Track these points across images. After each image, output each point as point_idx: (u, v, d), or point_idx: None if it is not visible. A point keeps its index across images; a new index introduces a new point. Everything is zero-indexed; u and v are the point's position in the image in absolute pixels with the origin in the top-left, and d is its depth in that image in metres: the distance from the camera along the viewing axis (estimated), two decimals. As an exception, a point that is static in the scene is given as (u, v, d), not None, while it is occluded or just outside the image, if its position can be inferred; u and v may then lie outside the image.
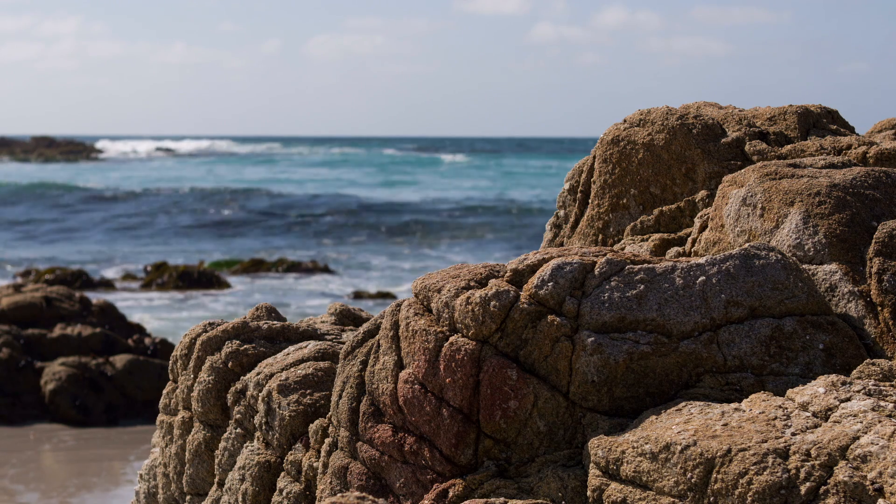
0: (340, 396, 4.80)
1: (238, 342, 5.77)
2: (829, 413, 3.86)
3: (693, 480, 3.77)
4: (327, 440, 4.92)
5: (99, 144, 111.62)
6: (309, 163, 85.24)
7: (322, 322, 6.15)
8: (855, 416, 3.80)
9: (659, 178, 5.74)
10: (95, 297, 18.43)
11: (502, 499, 4.11)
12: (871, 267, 4.50)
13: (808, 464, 3.65)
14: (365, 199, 46.99)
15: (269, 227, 39.39)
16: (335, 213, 41.94)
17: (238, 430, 5.56)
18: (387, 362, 4.59)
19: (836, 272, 4.54)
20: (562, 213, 6.25)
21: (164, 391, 6.13)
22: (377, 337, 4.74)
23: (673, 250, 5.29)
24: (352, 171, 73.30)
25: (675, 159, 5.69)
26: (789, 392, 4.02)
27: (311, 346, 5.60)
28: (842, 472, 3.61)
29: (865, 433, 3.70)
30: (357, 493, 4.47)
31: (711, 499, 3.73)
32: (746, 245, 4.47)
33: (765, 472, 3.66)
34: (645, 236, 5.57)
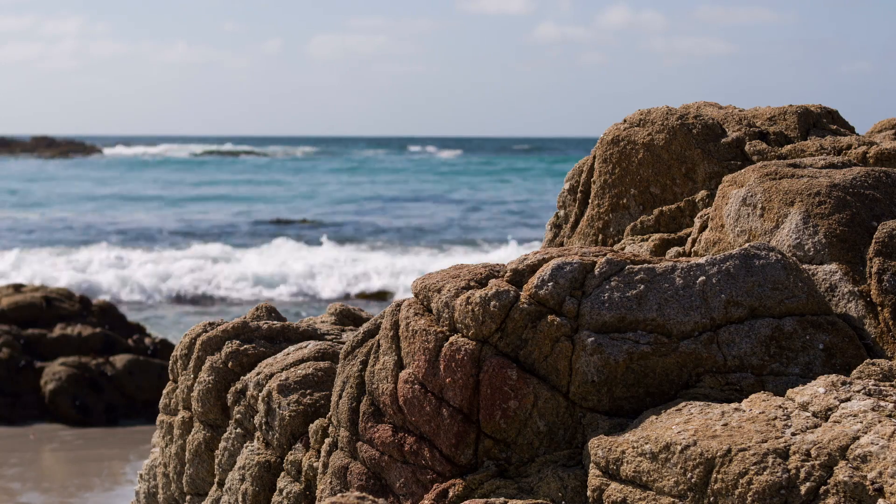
0: (340, 396, 4.80)
1: (238, 342, 5.77)
2: (829, 413, 3.86)
3: (693, 480, 3.77)
4: (327, 440, 4.92)
5: (98, 144, 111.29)
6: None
7: (322, 322, 6.15)
8: (855, 416, 3.79)
9: (659, 178, 5.74)
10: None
11: (502, 499, 4.11)
12: (871, 267, 4.50)
13: (808, 464, 3.65)
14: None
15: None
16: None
17: (238, 430, 5.56)
18: (387, 362, 4.58)
19: (836, 272, 4.54)
20: (562, 213, 6.25)
21: (164, 391, 6.13)
22: (377, 337, 4.74)
23: (673, 250, 5.29)
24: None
25: (675, 159, 5.69)
26: (789, 392, 4.02)
27: (311, 346, 5.60)
28: (842, 472, 3.60)
29: (865, 433, 3.70)
30: (357, 493, 4.47)
31: (711, 499, 3.72)
32: (746, 245, 4.46)
33: (765, 472, 3.66)
34: (645, 236, 5.56)
